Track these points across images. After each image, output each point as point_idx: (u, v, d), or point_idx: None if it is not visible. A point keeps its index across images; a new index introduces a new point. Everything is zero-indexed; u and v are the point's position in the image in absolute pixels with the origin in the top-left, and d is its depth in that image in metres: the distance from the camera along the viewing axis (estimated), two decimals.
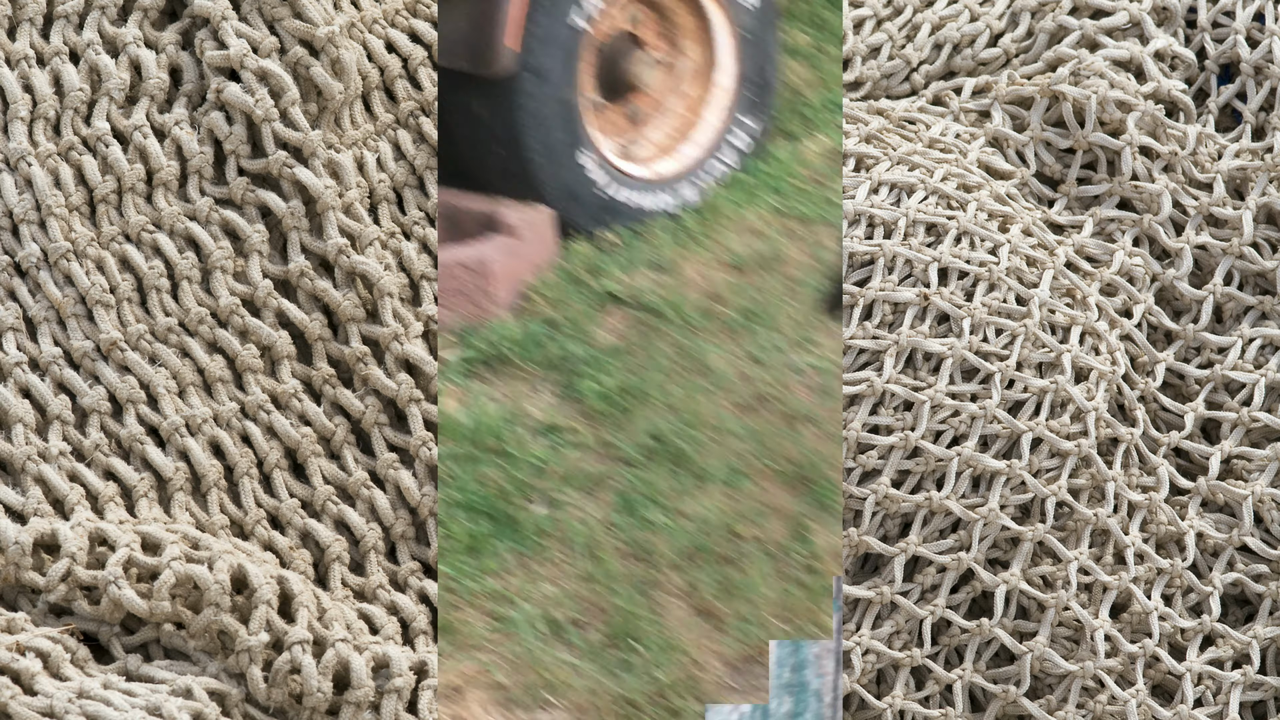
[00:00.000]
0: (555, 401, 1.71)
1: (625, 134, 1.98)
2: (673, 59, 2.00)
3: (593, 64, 1.91)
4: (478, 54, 1.81)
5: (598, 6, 1.86)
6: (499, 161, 1.84)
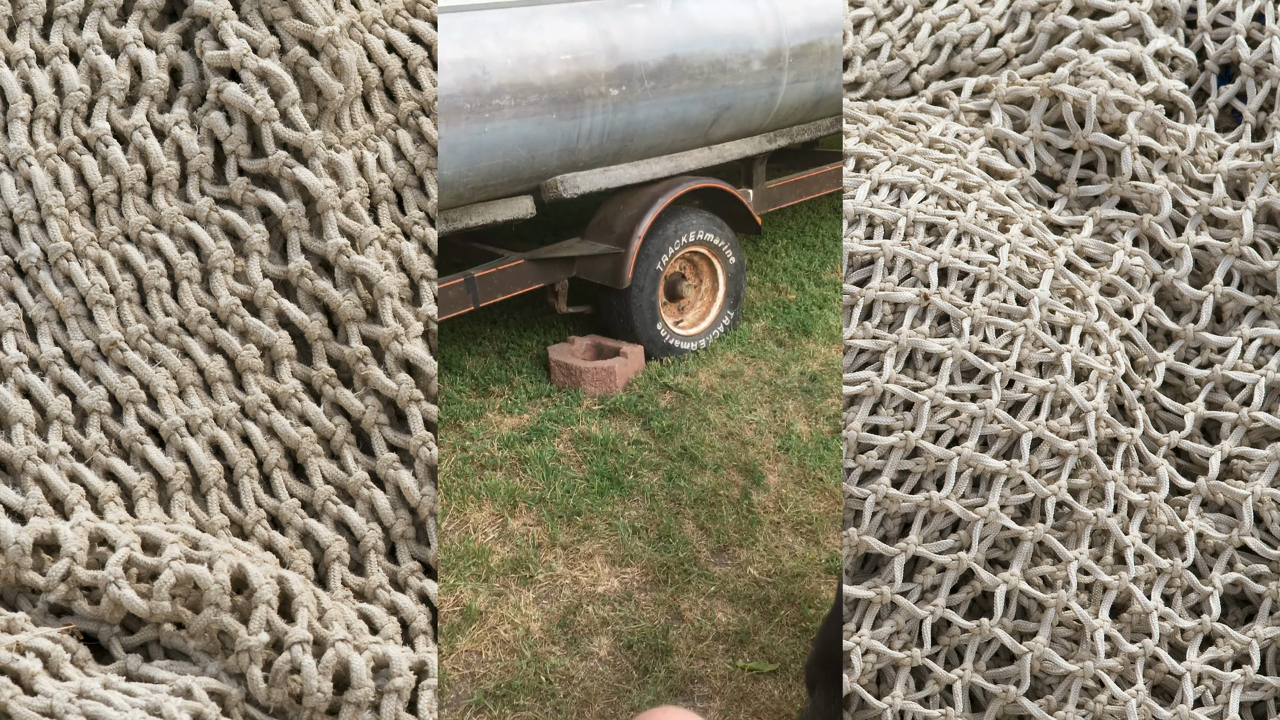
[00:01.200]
0: (639, 429, 3.27)
1: (675, 316, 3.83)
2: (698, 284, 3.87)
3: (663, 285, 3.71)
4: (615, 278, 3.54)
5: (664, 261, 3.63)
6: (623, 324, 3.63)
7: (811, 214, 5.06)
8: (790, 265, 4.47)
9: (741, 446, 3.12)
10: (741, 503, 2.84)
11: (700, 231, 3.70)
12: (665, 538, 2.70)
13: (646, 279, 3.57)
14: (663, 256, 3.60)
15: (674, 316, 3.80)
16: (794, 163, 4.55)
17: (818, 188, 4.32)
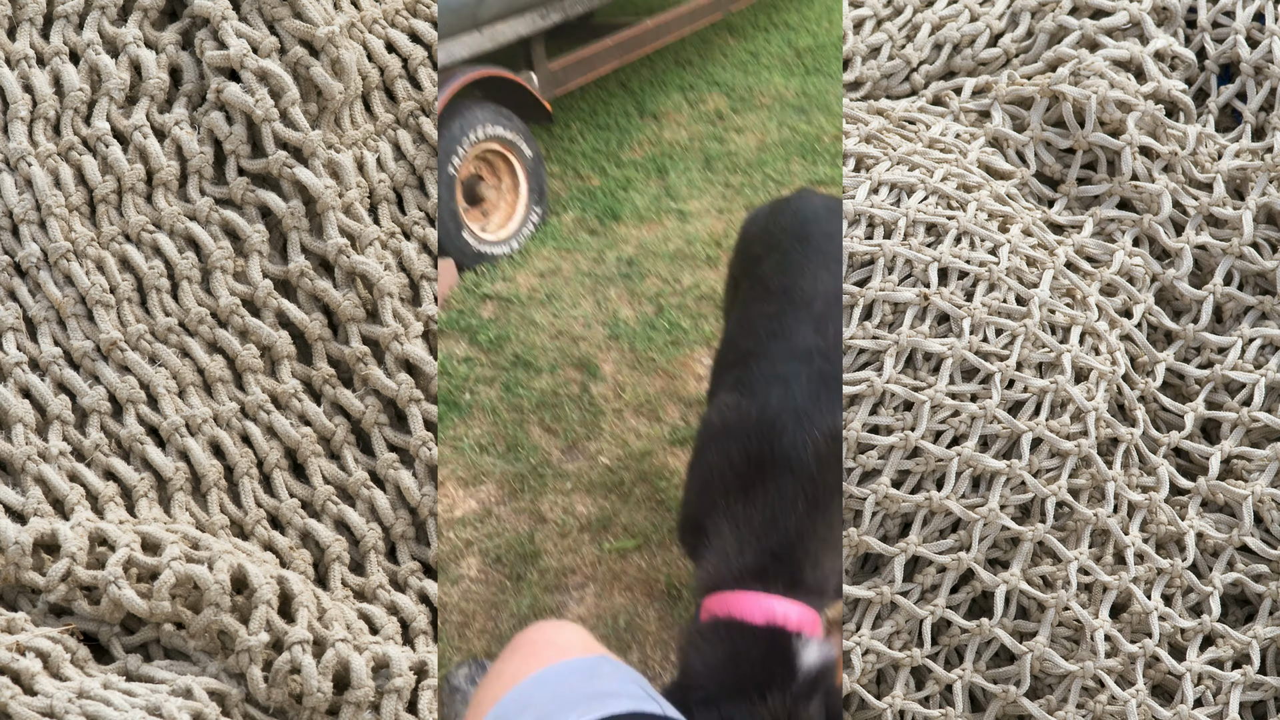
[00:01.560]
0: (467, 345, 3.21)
1: (479, 222, 3.63)
2: (498, 184, 3.67)
3: (460, 190, 3.48)
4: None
5: (456, 164, 3.37)
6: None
7: (601, 92, 4.89)
8: (589, 150, 4.32)
9: (573, 343, 3.15)
10: (582, 398, 2.91)
11: (489, 126, 3.42)
12: (514, 449, 2.76)
13: (442, 186, 3.27)
14: (453, 159, 3.31)
15: (479, 222, 3.56)
16: (573, 38, 4.34)
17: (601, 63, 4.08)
